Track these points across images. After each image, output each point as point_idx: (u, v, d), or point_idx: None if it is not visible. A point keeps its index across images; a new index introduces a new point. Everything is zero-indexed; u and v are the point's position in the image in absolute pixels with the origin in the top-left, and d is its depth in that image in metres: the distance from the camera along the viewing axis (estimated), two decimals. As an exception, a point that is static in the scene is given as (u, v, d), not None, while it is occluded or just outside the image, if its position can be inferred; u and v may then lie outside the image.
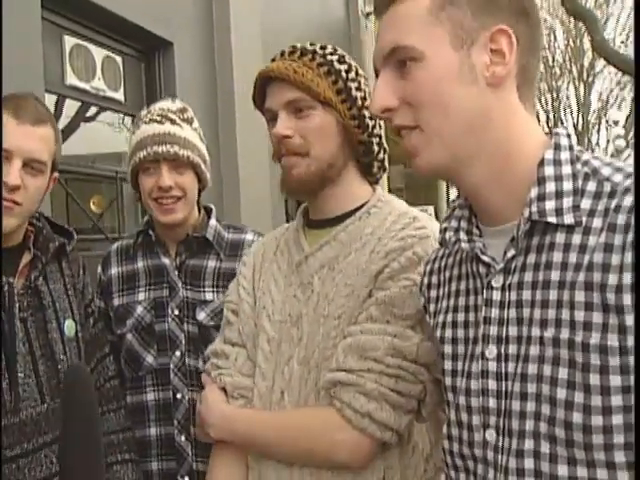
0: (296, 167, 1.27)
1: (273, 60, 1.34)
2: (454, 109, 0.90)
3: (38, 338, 1.48)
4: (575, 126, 22.50)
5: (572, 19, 10.02)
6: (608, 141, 23.45)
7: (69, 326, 1.55)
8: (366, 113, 1.30)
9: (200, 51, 4.57)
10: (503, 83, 0.91)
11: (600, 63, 20.15)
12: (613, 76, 21.81)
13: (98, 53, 3.79)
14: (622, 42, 20.77)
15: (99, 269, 1.95)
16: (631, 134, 22.75)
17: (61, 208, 3.59)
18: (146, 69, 4.24)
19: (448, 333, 1.02)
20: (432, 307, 1.09)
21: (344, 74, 1.30)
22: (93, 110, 3.95)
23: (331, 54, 1.32)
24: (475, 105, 0.91)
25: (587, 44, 19.70)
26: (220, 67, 4.69)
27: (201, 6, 4.62)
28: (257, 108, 1.37)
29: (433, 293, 1.09)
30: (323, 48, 1.33)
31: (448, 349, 1.01)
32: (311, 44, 1.34)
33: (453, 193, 13.51)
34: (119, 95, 3.96)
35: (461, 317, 1.00)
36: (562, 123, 22.37)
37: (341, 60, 1.32)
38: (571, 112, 22.69)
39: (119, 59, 3.98)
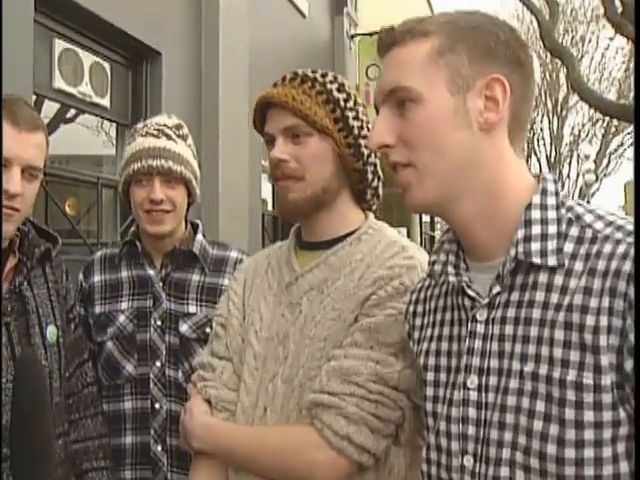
0: (292, 191, 1.31)
1: (275, 85, 1.36)
2: (448, 150, 0.95)
3: (20, 343, 1.47)
4: (548, 158, 22.96)
5: (548, 53, 10.27)
6: (578, 174, 23.94)
7: (51, 332, 1.55)
8: (362, 142, 1.34)
9: (187, 63, 4.60)
10: (495, 128, 0.96)
11: (574, 98, 20.61)
12: (586, 111, 22.32)
13: (87, 58, 3.81)
14: (597, 80, 21.31)
15: (80, 276, 1.96)
16: (600, 169, 23.24)
17: (40, 210, 3.57)
18: (133, 77, 4.26)
19: (431, 361, 1.06)
20: (416, 334, 1.13)
21: (342, 103, 1.33)
22: (72, 112, 3.95)
23: (331, 82, 1.35)
24: (467, 148, 0.96)
25: (562, 79, 20.19)
26: (206, 81, 4.72)
27: (191, 19, 4.66)
28: (257, 131, 1.40)
29: (418, 321, 1.13)
30: (324, 76, 1.35)
31: (430, 376, 1.05)
32: (312, 71, 1.36)
33: (426, 216, 13.66)
34: (105, 101, 3.97)
35: (444, 346, 1.04)
36: (535, 154, 22.77)
37: (340, 89, 1.35)
38: (544, 144, 23.16)
39: (107, 65, 4.00)
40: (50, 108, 3.73)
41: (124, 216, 4.09)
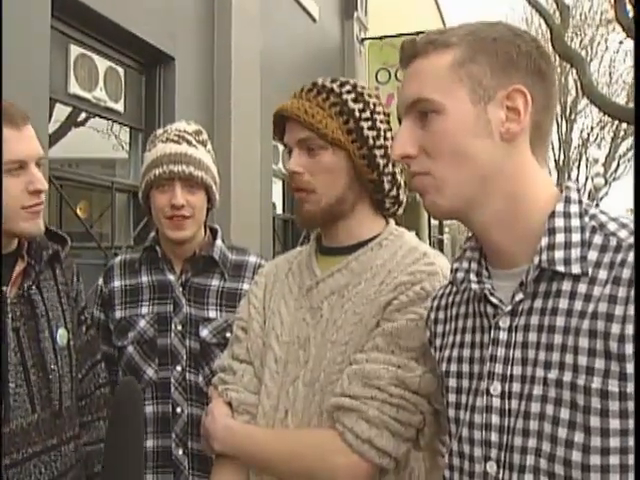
0: (307, 202, 1.33)
1: (294, 96, 1.37)
2: (469, 160, 0.97)
3: (30, 348, 1.47)
4: (556, 161, 22.88)
5: (557, 56, 10.23)
6: (587, 178, 23.86)
7: (62, 335, 1.54)
8: (377, 152, 1.34)
9: (200, 69, 4.62)
10: (516, 139, 0.98)
11: (583, 102, 20.55)
12: (595, 115, 22.25)
13: (101, 63, 3.84)
14: (606, 84, 21.21)
15: (100, 281, 1.98)
16: (609, 173, 23.12)
17: (54, 213, 3.60)
18: (147, 82, 4.28)
19: (453, 367, 1.07)
20: (438, 341, 1.14)
21: (357, 114, 1.33)
22: (83, 115, 3.97)
23: (348, 92, 1.34)
24: (488, 158, 0.97)
25: (571, 82, 20.13)
26: (219, 85, 4.74)
27: (204, 25, 4.68)
28: (279, 141, 1.42)
29: (439, 328, 1.14)
30: (342, 85, 1.35)
31: (453, 382, 1.06)
32: (332, 80, 1.37)
33: (435, 219, 13.64)
34: (119, 106, 4.00)
35: (467, 353, 1.05)
36: (543, 158, 22.65)
37: (358, 99, 1.34)
38: (552, 148, 23.06)
39: (121, 70, 4.02)
40: (62, 111, 3.77)
41: (137, 220, 4.12)
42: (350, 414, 1.22)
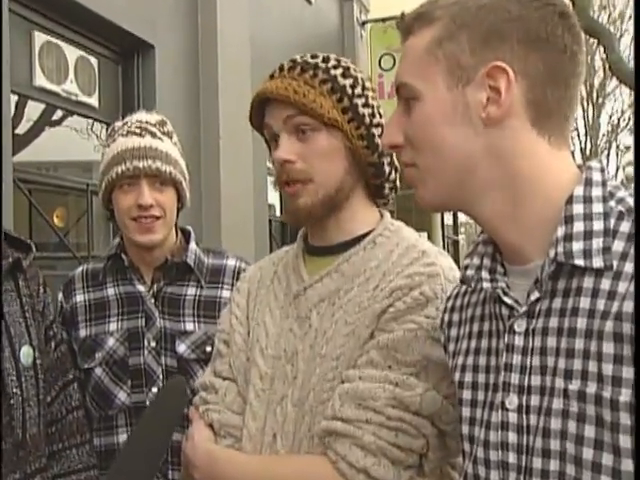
0: (302, 196, 1.28)
1: (272, 76, 1.34)
2: (447, 151, 0.96)
3: None
4: (582, 151, 22.87)
5: (582, 33, 10.19)
6: (618, 168, 23.84)
7: (26, 353, 1.51)
8: (375, 131, 1.31)
9: (183, 56, 4.62)
10: (503, 121, 0.94)
11: (612, 83, 20.54)
12: (626, 97, 22.21)
13: (71, 53, 3.83)
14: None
15: (60, 296, 1.93)
16: (643, 161, 23.08)
17: (23, 221, 3.57)
18: (124, 73, 4.29)
19: (468, 377, 1.03)
20: (451, 347, 1.10)
21: (349, 90, 1.30)
22: (59, 113, 3.96)
23: (334, 67, 1.32)
24: (470, 146, 0.94)
25: (598, 62, 20.11)
26: (204, 75, 4.75)
27: (186, 8, 4.68)
28: (255, 129, 1.38)
29: (453, 332, 1.11)
30: (325, 61, 1.33)
31: (467, 395, 1.02)
32: (313, 56, 1.34)
33: (449, 218, 13.62)
34: (93, 100, 3.99)
35: (482, 361, 1.01)
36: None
37: (346, 74, 1.32)
38: (578, 135, 23.06)
39: (94, 60, 4.02)
40: (33, 110, 3.74)
41: (117, 226, 4.08)
42: (343, 440, 1.18)
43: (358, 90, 1.32)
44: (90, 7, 3.66)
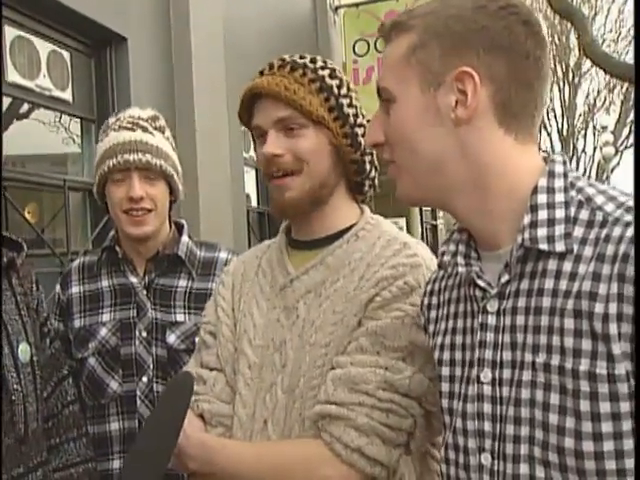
0: (289, 189, 1.35)
1: (261, 73, 1.40)
2: (421, 150, 1.05)
3: None
4: (559, 131, 22.98)
5: (556, 15, 10.21)
6: (595, 148, 23.99)
7: (23, 350, 1.54)
8: (358, 131, 1.39)
9: (156, 47, 4.59)
10: (471, 122, 1.03)
11: (587, 62, 20.61)
12: (601, 77, 22.32)
13: (43, 47, 3.79)
14: (613, 41, 21.21)
15: (57, 288, 1.99)
16: (620, 141, 23.25)
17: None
18: (97, 66, 4.24)
19: (446, 355, 1.13)
20: (431, 327, 1.20)
21: (336, 90, 1.38)
22: (25, 107, 3.92)
23: (322, 68, 1.39)
24: (442, 145, 1.04)
25: (573, 41, 20.17)
26: (178, 65, 4.72)
27: (158, -2, 4.66)
28: (244, 124, 1.44)
29: (433, 314, 1.20)
30: (313, 61, 1.40)
31: (446, 371, 1.12)
32: (301, 57, 1.41)
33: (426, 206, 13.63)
34: (66, 95, 3.97)
35: (459, 339, 1.11)
36: (545, 128, 22.84)
37: (332, 75, 1.40)
38: (555, 116, 23.15)
39: (67, 54, 3.99)
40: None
41: (95, 221, 4.10)
42: (337, 422, 1.25)
43: (344, 91, 1.40)
44: (60, 0, 3.65)
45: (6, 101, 3.71)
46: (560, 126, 23.20)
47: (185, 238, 1.96)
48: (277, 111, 1.35)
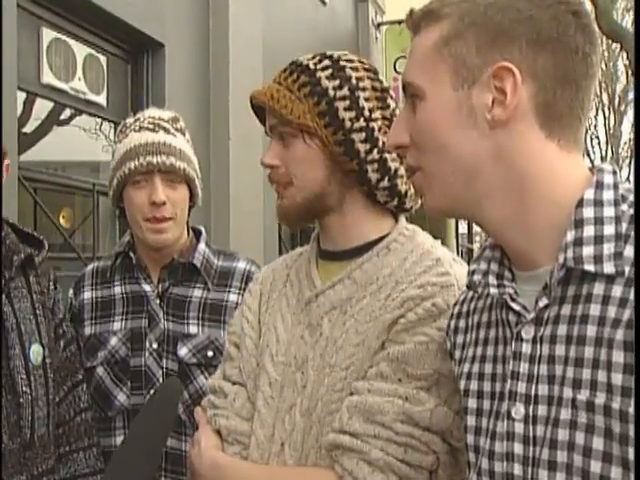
0: (283, 197, 1.31)
1: (273, 80, 1.36)
2: (451, 153, 0.95)
3: None
4: (603, 159, 22.79)
5: (604, 38, 10.05)
6: (639, 177, 23.70)
7: (36, 352, 1.52)
8: (355, 137, 1.27)
9: (194, 55, 4.62)
10: (509, 124, 0.93)
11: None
12: (648, 105, 22.04)
13: (80, 50, 3.84)
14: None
15: (70, 292, 1.94)
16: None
17: (28, 221, 3.59)
18: (133, 71, 4.29)
19: (473, 385, 1.03)
20: (457, 354, 1.10)
21: (331, 92, 1.27)
22: (67, 112, 3.97)
23: (325, 68, 1.29)
24: (475, 149, 0.94)
25: (621, 67, 20.01)
26: (215, 74, 4.75)
27: (197, 6, 4.69)
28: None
29: (460, 339, 1.10)
30: (319, 61, 1.31)
31: (472, 403, 1.02)
32: (314, 56, 1.33)
33: (463, 227, 13.53)
34: (101, 99, 4.00)
35: (488, 369, 1.01)
36: (588, 155, 22.62)
37: (335, 75, 1.28)
38: (599, 143, 22.96)
39: (103, 58, 4.03)
40: (41, 109, 3.75)
41: (123, 227, 4.10)
42: (350, 455, 1.18)
43: (343, 92, 1.27)
44: (99, 4, 3.67)
45: (40, 103, 3.73)
46: (604, 154, 22.98)
47: (202, 246, 1.89)
48: (269, 120, 1.31)
